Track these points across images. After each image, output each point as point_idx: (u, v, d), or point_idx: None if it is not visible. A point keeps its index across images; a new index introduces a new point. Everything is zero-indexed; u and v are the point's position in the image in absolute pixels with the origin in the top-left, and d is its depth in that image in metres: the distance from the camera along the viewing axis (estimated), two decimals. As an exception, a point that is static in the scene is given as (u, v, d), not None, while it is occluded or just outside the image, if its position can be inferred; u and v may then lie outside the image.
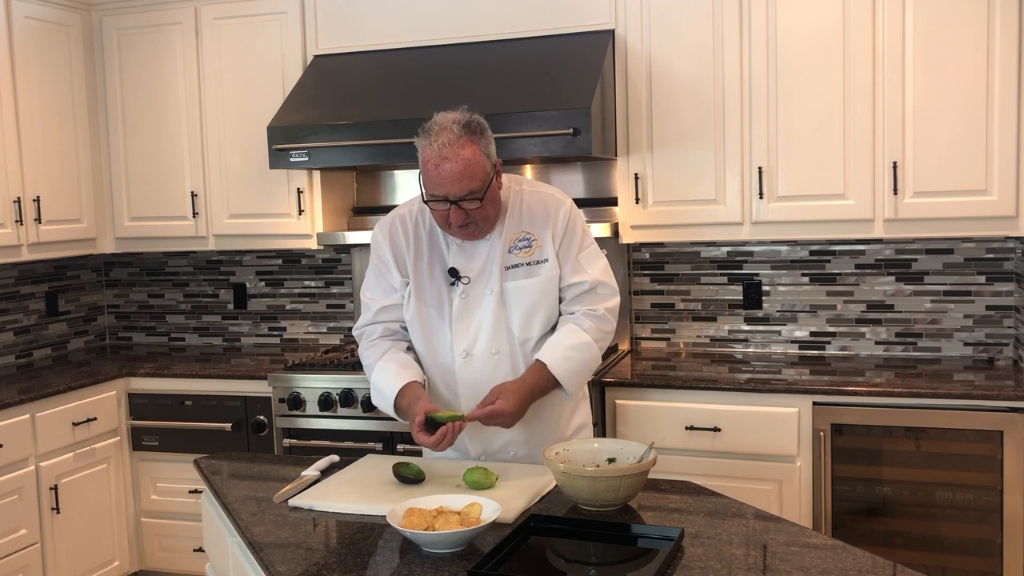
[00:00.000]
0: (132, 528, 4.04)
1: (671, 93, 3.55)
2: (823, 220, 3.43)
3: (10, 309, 4.28)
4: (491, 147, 2.24)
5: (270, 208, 4.08)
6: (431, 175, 2.19)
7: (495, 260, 2.33)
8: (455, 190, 2.17)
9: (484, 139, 2.22)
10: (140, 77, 4.23)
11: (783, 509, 3.20)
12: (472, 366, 2.35)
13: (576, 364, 2.31)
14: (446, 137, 2.16)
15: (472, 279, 2.34)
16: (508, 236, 2.34)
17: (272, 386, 3.71)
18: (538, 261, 2.34)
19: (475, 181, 2.18)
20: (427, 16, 3.81)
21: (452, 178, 2.16)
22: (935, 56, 3.26)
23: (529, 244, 2.34)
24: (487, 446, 2.41)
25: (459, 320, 2.35)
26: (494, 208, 2.29)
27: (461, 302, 2.35)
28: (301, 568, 1.76)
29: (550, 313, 2.37)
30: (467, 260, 2.35)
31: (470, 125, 2.20)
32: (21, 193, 3.86)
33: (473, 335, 2.34)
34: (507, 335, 2.34)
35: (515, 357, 2.35)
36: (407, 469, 2.17)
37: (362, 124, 3.60)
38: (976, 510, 3.07)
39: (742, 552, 1.77)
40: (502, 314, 2.33)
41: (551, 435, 2.40)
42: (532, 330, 2.35)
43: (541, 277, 2.33)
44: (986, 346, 3.63)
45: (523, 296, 2.33)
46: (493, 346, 2.34)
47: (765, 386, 3.24)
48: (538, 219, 2.35)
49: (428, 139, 2.19)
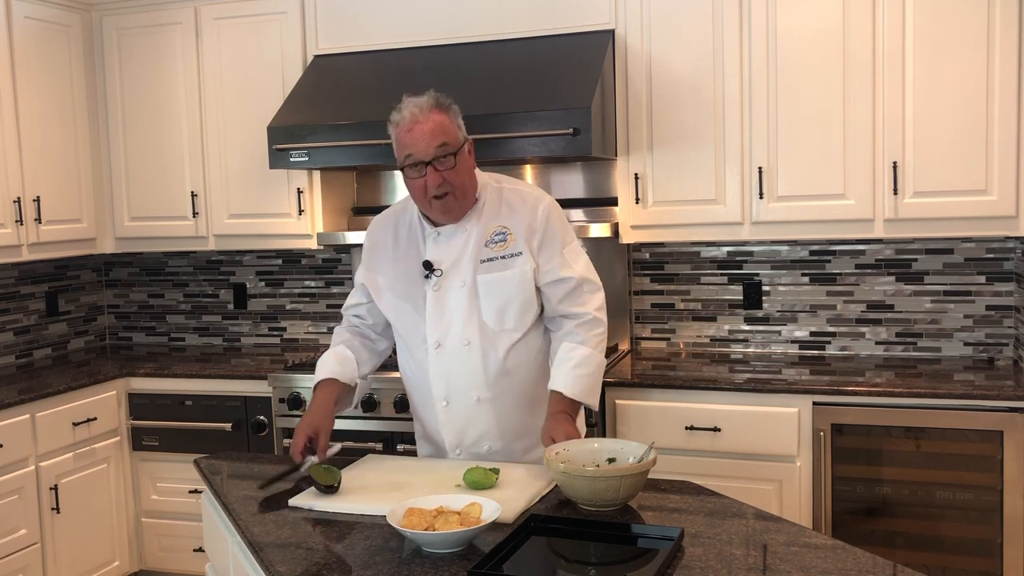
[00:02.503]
0: (132, 528, 4.04)
1: (671, 93, 3.55)
2: (823, 220, 3.43)
3: (10, 309, 4.28)
4: (460, 121, 2.33)
5: (270, 208, 4.08)
6: (403, 139, 2.28)
7: (469, 252, 2.36)
8: (426, 147, 2.24)
9: (452, 112, 2.31)
10: (140, 77, 4.23)
11: (783, 509, 3.20)
12: (444, 357, 2.38)
13: (587, 379, 2.37)
14: (416, 106, 2.27)
15: (445, 271, 2.37)
16: (485, 230, 2.38)
17: (272, 386, 3.71)
18: (512, 255, 2.36)
19: (448, 137, 2.26)
20: (427, 16, 3.82)
21: (424, 136, 2.24)
22: (935, 56, 3.26)
23: (504, 238, 2.37)
24: (461, 439, 2.43)
25: (432, 312, 2.38)
26: (470, 180, 2.35)
27: (434, 294, 2.38)
28: (301, 568, 1.76)
29: (524, 306, 2.39)
30: (442, 253, 2.38)
31: (439, 99, 2.30)
32: (21, 193, 3.86)
33: (445, 326, 2.38)
34: (479, 327, 2.37)
35: (487, 348, 2.37)
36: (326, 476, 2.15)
37: (362, 124, 3.60)
38: (976, 510, 3.07)
39: (742, 552, 1.77)
40: (474, 306, 2.36)
41: (527, 430, 2.42)
42: (506, 322, 2.38)
43: (515, 270, 2.36)
44: (986, 346, 3.63)
45: (496, 288, 2.36)
46: (464, 337, 2.37)
47: (765, 386, 3.24)
48: (515, 213, 2.39)
49: (399, 114, 2.29)
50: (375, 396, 3.54)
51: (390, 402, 3.52)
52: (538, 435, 2.37)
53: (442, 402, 2.41)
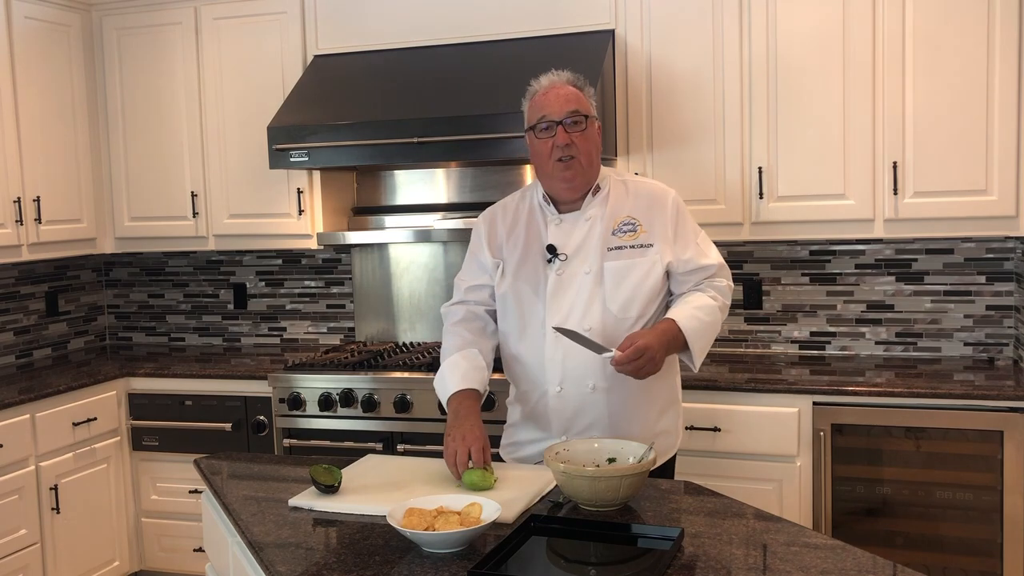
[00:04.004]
0: (132, 528, 4.04)
1: (671, 93, 3.55)
2: (823, 220, 3.43)
3: (10, 309, 4.28)
4: (593, 102, 2.40)
5: (270, 208, 4.08)
6: (538, 102, 2.36)
7: (595, 239, 2.37)
8: (560, 108, 2.32)
9: (587, 92, 2.40)
10: (140, 77, 4.23)
11: (783, 509, 3.20)
12: (561, 342, 2.33)
13: (702, 324, 2.33)
14: (555, 75, 2.39)
15: (569, 256, 2.37)
16: (612, 219, 2.38)
17: (272, 386, 3.71)
18: (642, 245, 2.37)
19: (580, 105, 2.34)
20: (427, 16, 3.81)
21: (559, 99, 2.33)
22: (935, 56, 3.26)
23: (634, 229, 2.38)
24: (570, 425, 2.39)
25: (553, 296, 2.37)
26: (596, 153, 2.39)
27: (556, 278, 2.37)
28: (301, 568, 1.76)
29: (651, 296, 2.37)
30: (565, 238, 2.38)
31: (578, 78, 2.41)
32: (21, 193, 3.86)
33: (566, 311, 2.35)
34: (601, 313, 2.34)
35: (607, 335, 2.33)
36: (326, 476, 2.14)
37: (362, 124, 3.60)
38: (976, 510, 3.07)
39: (742, 552, 1.77)
40: (598, 293, 2.35)
41: (638, 423, 2.38)
42: (631, 310, 2.35)
43: (646, 259, 2.36)
44: (986, 346, 3.63)
45: (624, 276, 2.35)
46: (585, 322, 2.34)
47: (765, 386, 3.24)
48: (645, 206, 2.41)
49: (536, 83, 2.40)
50: (375, 396, 3.54)
51: (390, 402, 3.52)
52: (646, 432, 2.35)
53: (556, 387, 2.37)
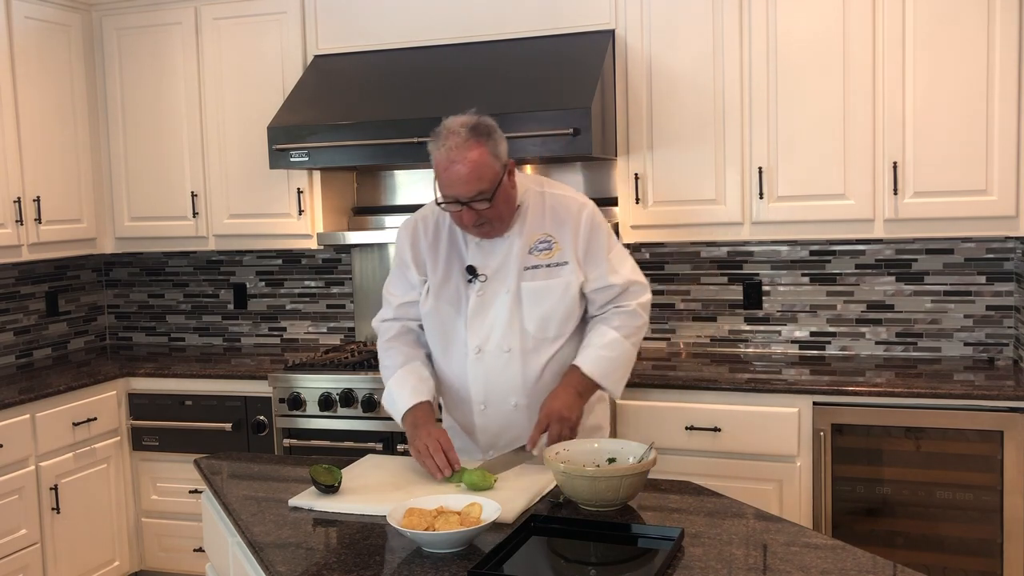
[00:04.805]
0: (132, 528, 4.04)
1: (671, 93, 3.55)
2: (823, 220, 3.43)
3: (10, 309, 4.28)
4: (500, 147, 2.27)
5: (270, 208, 4.08)
6: (442, 178, 2.25)
7: (513, 259, 2.37)
8: (464, 191, 2.22)
9: (492, 141, 2.25)
10: (140, 77, 4.23)
11: (783, 509, 3.20)
12: (484, 362, 2.38)
13: (609, 362, 2.37)
14: (454, 140, 2.21)
15: (489, 277, 2.38)
16: (529, 237, 2.38)
17: (272, 386, 3.71)
18: (558, 264, 2.37)
19: (484, 182, 2.22)
20: (427, 16, 3.81)
21: (460, 180, 2.21)
22: (935, 56, 3.26)
23: (549, 246, 2.38)
24: (496, 441, 2.43)
25: (474, 317, 2.38)
26: (507, 207, 2.33)
27: (477, 299, 2.38)
28: (301, 568, 1.76)
29: (567, 315, 2.40)
30: (485, 258, 2.38)
31: (477, 128, 2.23)
32: (21, 193, 3.86)
33: (487, 332, 2.38)
34: (520, 334, 2.37)
35: (527, 355, 2.38)
36: (326, 476, 2.14)
37: (362, 124, 3.60)
38: (976, 510, 3.07)
39: (742, 552, 1.77)
40: (517, 313, 2.37)
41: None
42: (548, 330, 2.39)
43: (560, 280, 2.37)
44: (986, 346, 3.63)
45: (540, 297, 2.37)
46: (505, 343, 2.37)
47: (765, 386, 3.24)
48: (560, 222, 2.39)
49: (437, 143, 2.24)
50: (375, 396, 3.54)
51: (390, 402, 3.52)
52: (581, 433, 2.38)
53: (480, 406, 2.42)
